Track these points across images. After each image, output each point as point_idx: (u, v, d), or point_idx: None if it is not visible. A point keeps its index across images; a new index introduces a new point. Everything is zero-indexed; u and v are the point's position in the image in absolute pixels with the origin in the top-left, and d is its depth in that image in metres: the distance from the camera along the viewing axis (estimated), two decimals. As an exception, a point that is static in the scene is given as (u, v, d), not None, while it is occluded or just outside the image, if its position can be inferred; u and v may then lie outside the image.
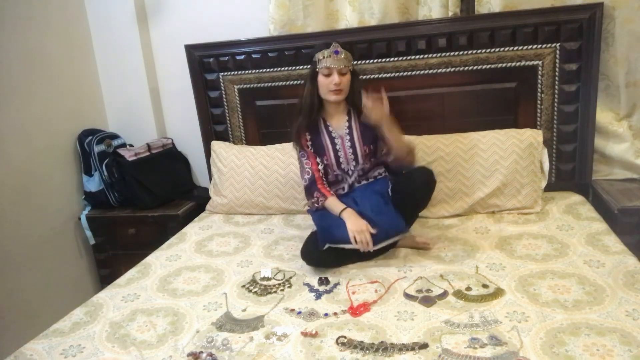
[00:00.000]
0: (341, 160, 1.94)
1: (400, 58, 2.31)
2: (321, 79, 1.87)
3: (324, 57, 1.85)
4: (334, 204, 1.84)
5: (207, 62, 2.54)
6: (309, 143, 1.96)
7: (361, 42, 2.32)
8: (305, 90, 1.93)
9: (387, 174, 1.98)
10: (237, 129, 2.63)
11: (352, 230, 1.71)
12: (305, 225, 2.21)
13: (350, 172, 1.96)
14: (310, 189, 1.91)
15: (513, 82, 2.25)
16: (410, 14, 2.38)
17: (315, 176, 1.91)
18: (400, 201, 1.83)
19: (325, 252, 1.78)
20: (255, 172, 2.42)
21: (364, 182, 1.97)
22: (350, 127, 1.94)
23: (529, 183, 2.14)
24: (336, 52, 1.85)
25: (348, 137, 1.94)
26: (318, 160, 1.94)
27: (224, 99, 2.59)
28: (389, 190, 1.90)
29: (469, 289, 1.58)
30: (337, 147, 1.94)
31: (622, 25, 2.13)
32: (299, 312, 1.54)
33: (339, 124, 1.96)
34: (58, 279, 2.51)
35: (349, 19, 2.41)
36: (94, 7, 2.69)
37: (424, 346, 1.30)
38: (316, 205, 1.89)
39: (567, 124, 2.25)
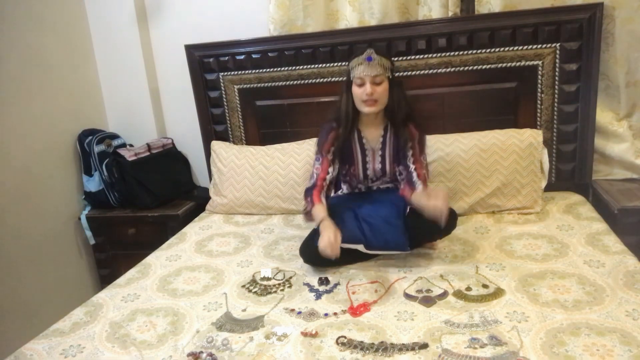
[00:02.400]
0: (368, 172, 1.88)
1: (400, 58, 2.31)
2: (355, 88, 1.76)
3: (356, 65, 1.74)
4: (317, 213, 1.75)
5: (207, 62, 2.54)
6: (332, 149, 1.85)
7: (361, 42, 2.31)
8: (341, 99, 1.83)
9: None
10: (237, 129, 2.63)
11: (319, 246, 1.63)
12: (305, 225, 2.21)
13: (372, 181, 1.92)
14: (307, 193, 1.85)
15: (513, 82, 2.25)
16: (410, 14, 2.38)
17: (317, 184, 1.83)
18: (416, 229, 1.75)
19: None
20: (255, 172, 2.42)
21: (382, 187, 1.94)
22: (384, 143, 1.83)
23: (529, 183, 2.14)
24: (369, 59, 1.72)
25: (380, 153, 1.84)
26: (330, 169, 1.85)
27: (224, 99, 2.59)
28: (406, 205, 1.85)
29: (469, 289, 1.58)
30: (367, 159, 1.86)
31: (622, 25, 2.13)
32: (299, 312, 1.53)
33: (373, 136, 1.85)
34: (58, 279, 2.51)
35: (349, 19, 2.42)
36: (94, 7, 2.69)
37: (424, 346, 1.30)
38: (307, 209, 1.83)
39: (567, 124, 2.25)
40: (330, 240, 1.60)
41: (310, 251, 1.78)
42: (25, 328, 2.19)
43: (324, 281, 1.71)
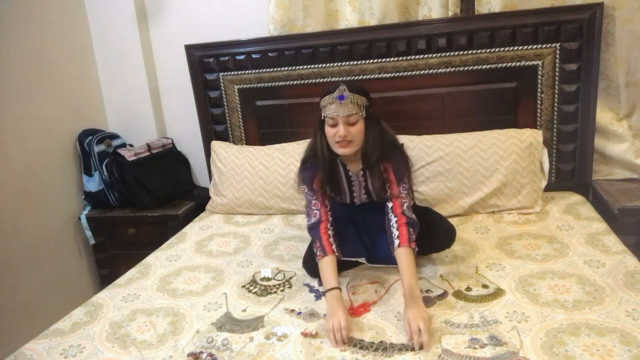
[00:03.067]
0: (355, 200, 1.81)
1: (400, 58, 2.31)
2: (327, 128, 1.60)
3: (328, 104, 1.57)
4: (326, 275, 1.58)
5: (207, 62, 2.54)
6: (322, 183, 1.70)
7: (361, 42, 2.32)
8: (315, 138, 1.68)
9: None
10: (237, 129, 2.63)
11: (326, 328, 1.42)
12: (305, 225, 2.21)
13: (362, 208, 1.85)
14: (314, 231, 1.68)
15: (513, 82, 2.25)
16: (410, 14, 2.38)
17: (323, 218, 1.68)
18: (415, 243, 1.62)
19: None
20: (255, 172, 2.42)
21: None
22: (365, 175, 1.72)
23: (529, 183, 2.14)
24: (340, 98, 1.55)
25: (364, 184, 1.75)
26: (327, 202, 1.72)
27: (224, 99, 2.59)
28: None
29: (469, 289, 1.58)
30: (354, 189, 1.78)
31: (622, 25, 2.12)
32: (299, 313, 1.53)
33: (355, 169, 1.74)
34: (58, 279, 2.51)
35: (349, 19, 2.41)
36: (94, 7, 2.69)
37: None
38: (315, 253, 1.66)
39: (567, 124, 2.25)
40: (340, 325, 1.37)
41: (313, 265, 1.72)
42: (25, 328, 2.19)
43: (324, 281, 1.71)
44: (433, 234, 1.74)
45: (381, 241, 1.72)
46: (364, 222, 1.81)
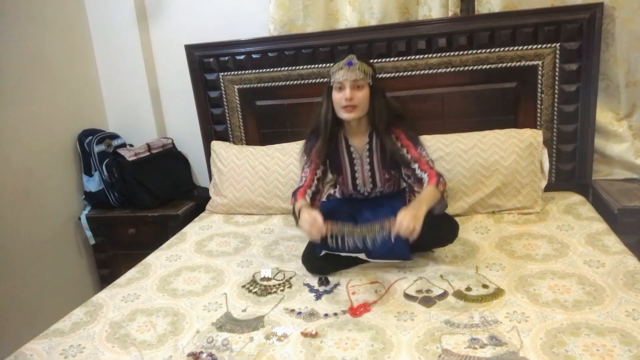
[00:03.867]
0: (357, 182, 1.84)
1: (400, 58, 2.31)
2: (334, 94, 1.70)
3: (337, 70, 1.69)
4: (297, 204, 1.69)
5: (207, 62, 2.54)
6: (318, 149, 1.78)
7: (361, 42, 2.32)
8: (321, 106, 1.76)
9: (407, 188, 1.87)
10: (237, 129, 2.63)
11: (303, 228, 1.57)
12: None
13: (366, 194, 1.87)
14: (293, 194, 1.79)
15: (513, 82, 2.25)
16: (410, 14, 2.38)
17: (304, 184, 1.77)
18: (417, 238, 1.61)
19: (324, 259, 1.75)
20: (255, 172, 2.42)
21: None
22: (370, 150, 1.78)
23: (529, 183, 2.14)
24: (349, 64, 1.67)
25: (368, 160, 1.79)
26: (318, 171, 1.79)
27: (224, 99, 2.59)
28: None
29: (469, 289, 1.58)
30: (356, 167, 1.81)
31: (622, 25, 2.13)
32: (299, 313, 1.53)
33: (359, 144, 1.80)
34: (58, 279, 2.51)
35: (349, 19, 2.42)
36: (94, 7, 2.69)
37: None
38: (291, 206, 1.77)
39: (567, 124, 2.25)
40: (310, 220, 1.51)
41: (312, 261, 1.76)
42: (25, 328, 2.19)
43: (324, 281, 1.71)
44: (436, 229, 1.74)
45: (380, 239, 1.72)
46: (364, 219, 1.81)
